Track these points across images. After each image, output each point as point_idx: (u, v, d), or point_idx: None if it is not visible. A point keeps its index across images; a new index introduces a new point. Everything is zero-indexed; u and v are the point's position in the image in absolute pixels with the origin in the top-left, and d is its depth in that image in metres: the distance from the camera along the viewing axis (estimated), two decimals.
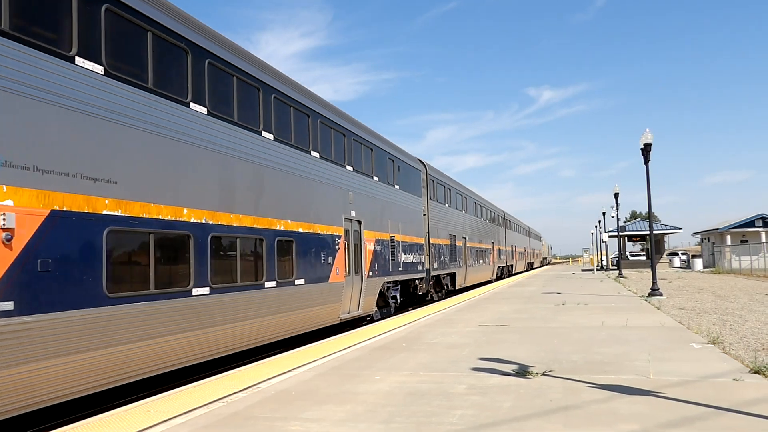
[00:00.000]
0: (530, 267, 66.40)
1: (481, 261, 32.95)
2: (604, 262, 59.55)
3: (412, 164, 20.87)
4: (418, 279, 20.44)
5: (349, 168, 14.77)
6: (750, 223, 48.11)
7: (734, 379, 6.80)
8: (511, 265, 47.90)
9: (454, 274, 26.19)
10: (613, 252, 69.42)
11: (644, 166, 20.70)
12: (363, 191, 15.56)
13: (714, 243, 52.59)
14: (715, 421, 5.21)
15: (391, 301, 17.64)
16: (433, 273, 22.16)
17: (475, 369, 7.83)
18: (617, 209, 43.29)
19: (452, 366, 8.11)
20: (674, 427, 5.06)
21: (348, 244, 14.24)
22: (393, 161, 18.48)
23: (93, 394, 9.00)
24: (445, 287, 24.90)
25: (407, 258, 18.97)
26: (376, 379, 7.41)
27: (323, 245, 12.77)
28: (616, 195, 41.11)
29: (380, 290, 16.41)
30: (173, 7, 8.64)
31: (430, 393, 6.55)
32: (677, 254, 62.16)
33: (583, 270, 55.14)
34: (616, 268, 49.48)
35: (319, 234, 12.63)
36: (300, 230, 11.75)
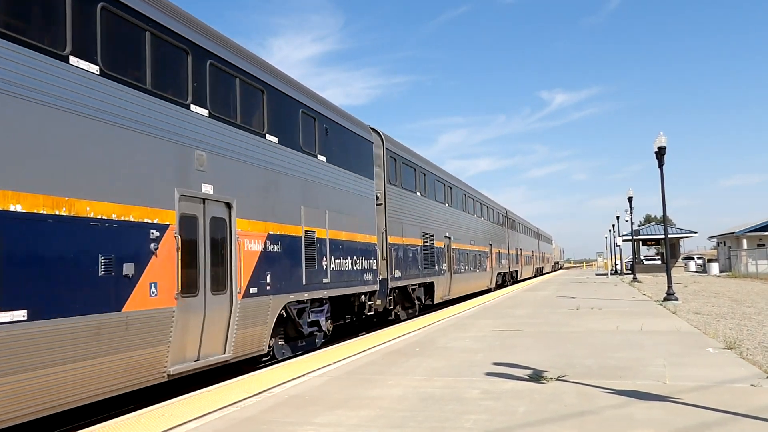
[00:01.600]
0: (539, 273, 60.63)
1: (473, 267, 27.18)
2: (618, 267, 59.15)
3: (354, 130, 14.47)
4: (366, 293, 14.41)
5: (199, 110, 8.64)
6: (767, 227, 47.55)
7: (752, 385, 6.72)
8: (516, 271, 42.13)
9: (432, 284, 20.20)
10: (628, 256, 68.93)
11: (658, 170, 20.57)
12: (236, 154, 9.38)
13: (730, 247, 52.07)
14: (732, 426, 5.14)
15: (308, 329, 11.66)
16: (393, 284, 16.21)
17: (488, 374, 7.80)
18: (631, 213, 43.01)
19: (466, 371, 8.08)
20: None
21: (192, 241, 8.35)
22: (315, 119, 12.08)
23: (106, 399, 9.06)
24: (418, 302, 18.93)
25: (344, 263, 12.97)
26: (389, 383, 7.41)
27: (107, 242, 6.91)
28: (630, 198, 40.85)
29: (282, 314, 10.55)
30: None
31: (444, 398, 6.54)
32: (693, 258, 61.72)
33: (597, 274, 54.82)
34: (630, 272, 49.09)
35: (91, 221, 6.74)
36: (17, 209, 5.89)
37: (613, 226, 56.47)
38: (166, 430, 5.55)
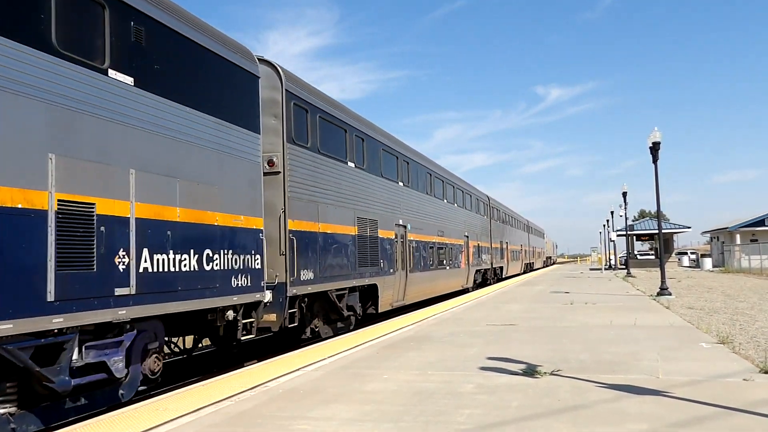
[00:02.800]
0: (529, 268, 55.10)
1: (441, 263, 22.51)
2: (613, 262, 59.35)
3: (217, 51, 9.02)
4: (236, 307, 9.21)
5: None
6: (760, 222, 47.83)
7: (744, 379, 6.77)
8: (500, 268, 37.14)
9: (374, 287, 15.01)
10: (622, 251, 69.21)
11: (653, 165, 20.62)
12: None
13: (723, 242, 52.34)
14: (725, 421, 5.18)
15: (77, 380, 6.62)
16: (298, 290, 10.97)
17: (483, 368, 7.82)
18: (625, 208, 43.16)
19: (460, 365, 8.10)
20: (684, 427, 5.03)
21: None
22: (103, 7, 7.01)
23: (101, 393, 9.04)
24: (350, 312, 13.73)
25: (179, 261, 7.82)
26: (384, 378, 7.42)
27: None
28: (624, 194, 41.02)
29: None
30: None
31: (438, 392, 6.56)
32: (686, 253, 61.94)
33: (591, 269, 55.00)
34: (624, 267, 49.28)
35: None
36: None
37: (608, 221, 56.65)
38: (162, 424, 5.55)
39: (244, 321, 9.54)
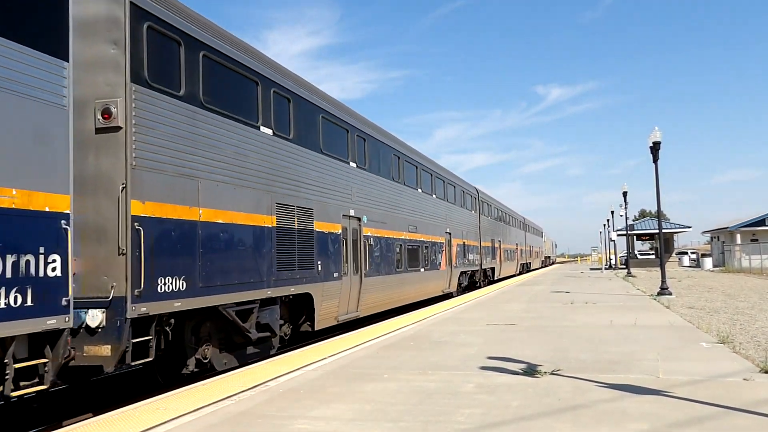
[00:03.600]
0: (525, 269, 51.89)
1: (413, 264, 18.65)
2: (613, 261, 59.35)
3: None
4: (4, 341, 5.50)
5: None
6: (760, 222, 47.78)
7: (744, 379, 6.77)
8: (492, 269, 33.46)
9: (308, 297, 11.45)
10: (622, 251, 69.19)
11: (653, 165, 20.61)
12: None
13: (724, 242, 52.32)
14: (725, 420, 5.18)
15: None
16: (156, 308, 7.36)
17: (483, 368, 7.82)
18: (626, 208, 43.14)
19: (460, 365, 8.10)
20: (684, 426, 5.03)
21: None
22: None
23: (104, 390, 9.05)
24: (265, 332, 10.06)
25: None
26: (384, 377, 7.42)
27: None
28: (625, 194, 40.99)
29: None
30: None
31: (438, 392, 6.55)
32: (686, 253, 61.93)
33: (591, 269, 54.99)
34: (624, 267, 49.27)
35: None
36: None
37: (608, 220, 56.58)
38: (161, 424, 5.54)
39: (25, 364, 5.76)
